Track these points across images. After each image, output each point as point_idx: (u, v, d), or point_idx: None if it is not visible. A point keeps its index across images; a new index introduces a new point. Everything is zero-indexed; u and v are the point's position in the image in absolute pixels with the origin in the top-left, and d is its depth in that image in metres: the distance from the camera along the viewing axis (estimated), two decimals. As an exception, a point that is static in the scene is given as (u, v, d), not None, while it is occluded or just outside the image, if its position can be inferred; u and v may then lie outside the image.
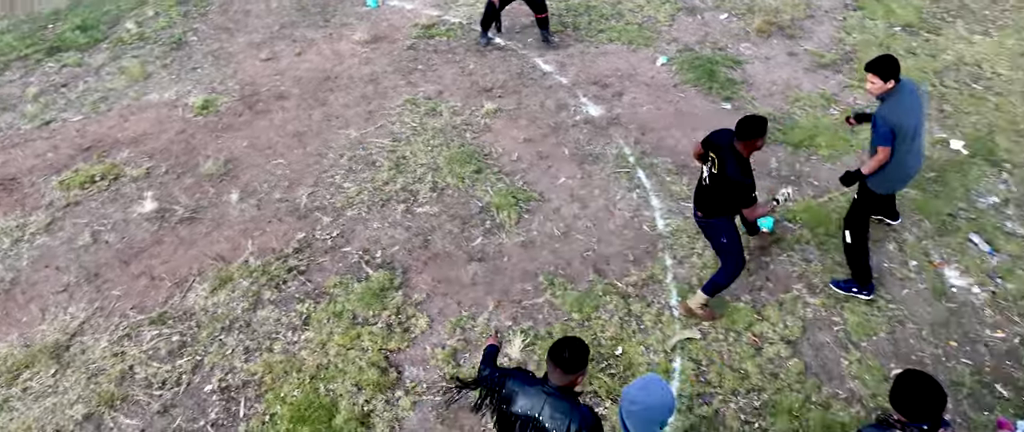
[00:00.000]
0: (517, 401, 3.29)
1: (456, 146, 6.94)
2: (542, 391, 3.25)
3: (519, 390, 3.31)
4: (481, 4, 9.19)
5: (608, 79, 7.92)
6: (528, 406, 3.25)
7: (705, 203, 5.01)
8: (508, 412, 3.32)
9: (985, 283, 5.68)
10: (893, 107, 4.91)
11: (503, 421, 3.39)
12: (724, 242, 5.06)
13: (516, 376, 3.40)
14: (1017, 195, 6.49)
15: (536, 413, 3.21)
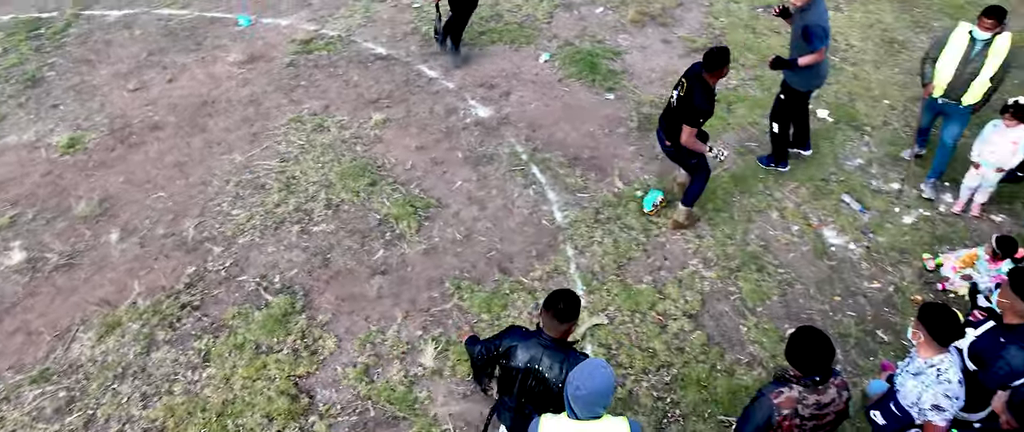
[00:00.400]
0: (517, 355, 3.51)
1: (348, 160, 6.81)
2: (539, 343, 3.48)
3: (518, 344, 3.53)
4: (358, 15, 9.08)
5: (494, 80, 7.98)
6: (527, 358, 3.48)
7: (673, 130, 5.48)
8: (509, 367, 3.55)
9: (859, 239, 6.11)
10: (820, 12, 5.85)
11: (504, 376, 3.62)
12: (694, 162, 5.75)
13: (512, 333, 3.62)
14: (878, 155, 7.02)
15: (536, 365, 3.46)
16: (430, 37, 8.64)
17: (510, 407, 3.69)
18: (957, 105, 5.96)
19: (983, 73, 5.74)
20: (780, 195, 6.52)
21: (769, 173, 6.72)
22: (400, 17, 9.13)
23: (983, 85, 5.80)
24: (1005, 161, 5.75)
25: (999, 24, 5.60)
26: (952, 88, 5.90)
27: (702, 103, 5.18)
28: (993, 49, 5.65)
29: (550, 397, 3.44)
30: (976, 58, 5.72)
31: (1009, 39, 5.67)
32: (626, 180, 6.64)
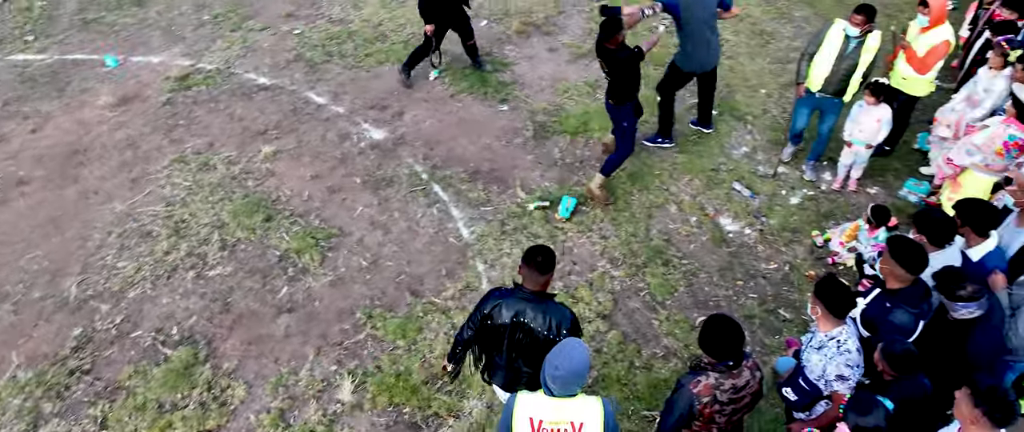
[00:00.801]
0: (502, 312, 3.69)
1: (239, 197, 6.52)
2: (520, 297, 3.67)
3: (501, 302, 3.71)
4: (236, 46, 8.75)
5: (386, 101, 7.87)
6: (512, 313, 3.67)
7: (612, 93, 6.05)
8: (496, 326, 3.72)
9: (752, 224, 6.39)
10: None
11: (491, 336, 3.78)
12: (625, 126, 6.16)
13: (492, 295, 3.80)
14: (761, 142, 7.38)
15: (521, 317, 3.65)
16: (315, 62, 8.44)
17: (502, 365, 3.87)
18: (833, 99, 6.24)
19: (859, 69, 6.01)
20: (676, 189, 6.73)
21: (664, 170, 6.93)
22: (281, 45, 8.85)
23: (857, 81, 6.11)
24: (872, 137, 6.16)
25: (869, 22, 5.84)
26: (828, 83, 6.11)
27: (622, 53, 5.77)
28: (866, 46, 5.90)
29: (537, 346, 3.62)
30: (851, 54, 5.95)
31: (879, 36, 5.94)
32: (528, 189, 6.68)
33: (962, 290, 3.69)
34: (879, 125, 6.07)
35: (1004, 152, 5.14)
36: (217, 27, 9.21)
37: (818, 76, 6.17)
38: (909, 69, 6.17)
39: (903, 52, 6.18)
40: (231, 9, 9.57)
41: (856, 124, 6.19)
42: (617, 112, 6.21)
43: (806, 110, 6.58)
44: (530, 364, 3.69)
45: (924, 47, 6.02)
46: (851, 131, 6.25)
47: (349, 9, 9.67)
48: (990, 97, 5.71)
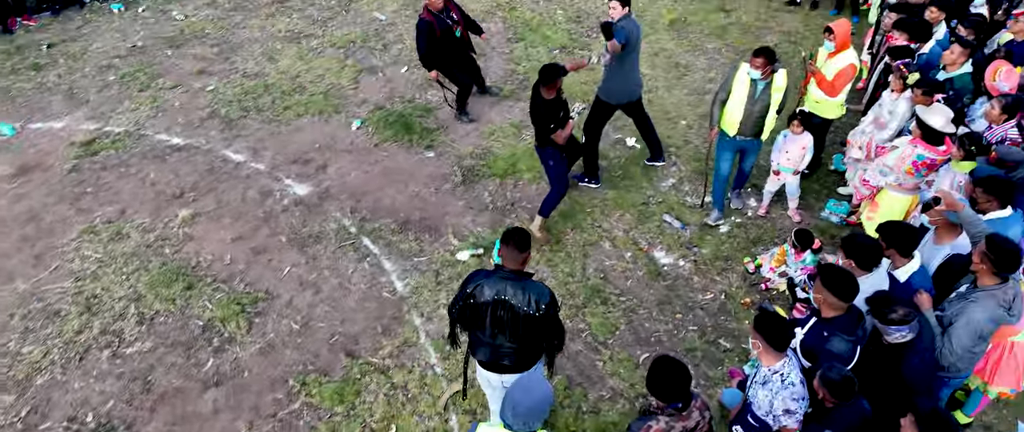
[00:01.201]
0: (484, 291, 3.89)
1: (156, 267, 6.16)
2: (501, 277, 3.89)
3: (483, 282, 3.92)
4: (145, 107, 8.39)
5: (308, 154, 7.65)
6: (494, 292, 3.87)
7: (536, 135, 6.07)
8: (479, 304, 3.91)
9: (686, 255, 6.45)
10: (629, 25, 6.42)
11: (474, 315, 3.96)
12: (551, 165, 6.22)
13: (474, 276, 4.00)
14: (686, 173, 7.51)
15: (503, 295, 3.85)
16: (231, 118, 8.17)
17: (485, 341, 4.03)
18: (753, 140, 6.20)
19: (772, 108, 6.00)
20: (608, 225, 6.75)
21: (595, 206, 6.95)
22: (194, 103, 8.54)
23: (773, 120, 6.11)
24: (798, 163, 6.34)
25: (770, 63, 5.79)
26: (744, 126, 6.05)
27: (542, 117, 5.87)
28: (774, 86, 5.88)
29: (519, 322, 3.88)
30: (761, 97, 5.91)
31: (785, 75, 5.94)
32: (460, 236, 6.57)
33: (894, 313, 3.77)
34: (804, 152, 6.26)
35: (914, 171, 5.36)
36: (124, 88, 8.82)
37: (732, 121, 6.10)
38: (821, 93, 6.42)
39: (813, 77, 6.43)
40: (138, 69, 9.20)
41: (782, 153, 6.37)
42: (541, 153, 6.28)
43: (728, 153, 6.43)
44: (513, 339, 3.95)
45: (832, 71, 6.28)
46: (778, 159, 6.43)
47: (264, 62, 9.45)
48: (895, 119, 5.98)
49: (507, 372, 4.11)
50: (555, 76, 5.75)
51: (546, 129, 5.98)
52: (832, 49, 6.27)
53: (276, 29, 10.39)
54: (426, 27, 7.40)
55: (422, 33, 7.44)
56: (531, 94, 6.00)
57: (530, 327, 3.88)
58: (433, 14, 7.44)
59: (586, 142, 7.02)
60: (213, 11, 11.02)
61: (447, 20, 7.56)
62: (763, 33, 10.48)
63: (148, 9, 11.02)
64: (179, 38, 10.13)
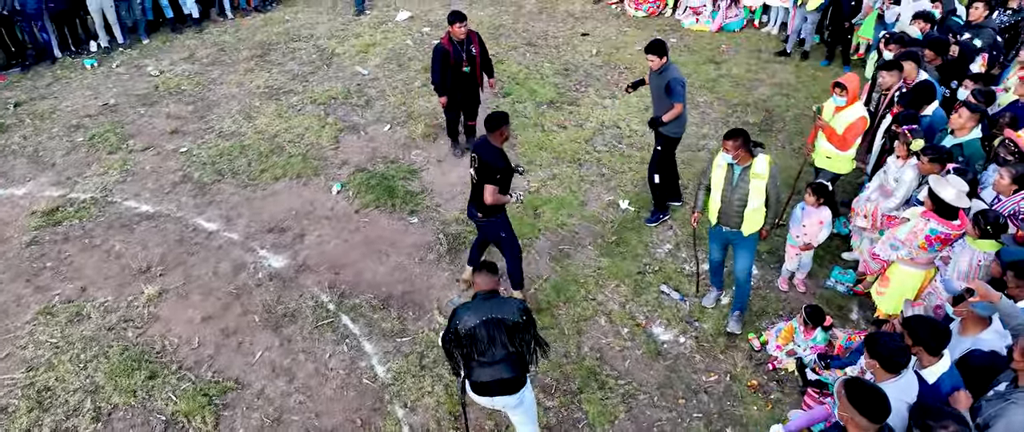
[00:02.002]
0: (467, 319, 4.26)
1: (117, 353, 5.69)
2: (480, 300, 4.34)
3: (464, 312, 4.30)
4: (114, 170, 7.99)
5: (285, 222, 7.25)
6: (478, 314, 4.26)
7: (479, 203, 5.65)
8: (467, 331, 4.24)
9: (686, 330, 6.06)
10: (677, 73, 6.59)
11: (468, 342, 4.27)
12: (503, 236, 5.89)
13: (455, 311, 4.37)
14: (682, 236, 7.17)
15: (487, 315, 4.25)
16: (204, 183, 7.78)
17: (486, 362, 4.28)
18: (737, 232, 5.55)
19: (751, 201, 5.32)
20: (603, 298, 6.37)
21: (589, 277, 6.57)
22: (165, 166, 8.15)
23: (757, 213, 5.39)
24: (814, 238, 6.00)
25: (742, 148, 5.15)
26: (724, 215, 5.50)
27: (496, 161, 5.49)
28: (753, 172, 5.24)
29: (509, 331, 4.27)
30: (740, 184, 5.29)
31: (768, 163, 5.26)
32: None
33: (944, 429, 3.34)
34: (821, 226, 5.93)
35: (928, 246, 5.05)
36: (93, 150, 8.43)
37: (714, 208, 5.56)
38: (830, 148, 6.16)
39: (822, 131, 6.17)
40: (109, 129, 8.83)
41: (799, 227, 6.06)
42: (488, 224, 5.81)
43: (715, 244, 5.90)
44: (507, 346, 4.29)
45: (842, 124, 6.04)
46: (797, 234, 6.11)
47: (241, 121, 9.11)
48: (901, 187, 5.68)
49: (509, 390, 4.37)
50: (503, 123, 5.52)
51: (506, 182, 5.57)
52: (842, 103, 6.03)
53: (255, 85, 10.07)
54: (441, 53, 7.52)
55: (436, 58, 7.59)
56: (475, 154, 5.53)
57: (518, 333, 4.30)
58: (452, 42, 7.51)
59: (661, 182, 7.14)
60: (190, 66, 10.70)
61: (463, 52, 7.54)
62: (755, 85, 10.28)
63: (123, 65, 10.69)
64: (153, 95, 9.78)
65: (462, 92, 7.87)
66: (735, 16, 12.28)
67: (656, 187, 7.15)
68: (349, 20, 12.59)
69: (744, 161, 5.23)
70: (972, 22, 7.79)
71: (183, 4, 11.81)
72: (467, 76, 7.70)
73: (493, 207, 5.63)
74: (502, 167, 5.49)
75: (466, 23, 7.48)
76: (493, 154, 5.48)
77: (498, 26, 12.39)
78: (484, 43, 7.88)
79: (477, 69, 7.76)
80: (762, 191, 5.27)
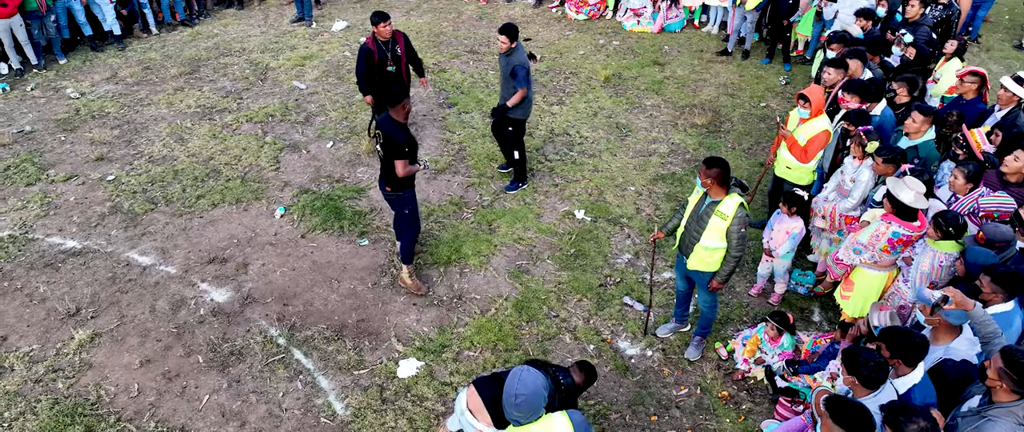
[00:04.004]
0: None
1: (47, 407, 5.21)
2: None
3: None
4: (34, 204, 7.41)
5: (226, 252, 6.83)
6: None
7: (389, 178, 5.85)
8: None
9: (652, 343, 5.94)
10: (522, 57, 6.98)
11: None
12: (407, 213, 6.09)
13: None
14: (640, 244, 7.06)
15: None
16: (135, 213, 7.28)
17: None
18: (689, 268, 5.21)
19: (704, 238, 4.91)
20: (565, 313, 6.19)
21: (550, 292, 6.39)
22: (92, 196, 7.61)
23: (707, 251, 4.96)
24: (778, 248, 5.92)
25: (715, 179, 4.74)
26: (683, 243, 5.16)
27: (399, 135, 5.64)
28: (718, 209, 4.80)
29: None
30: (704, 215, 4.91)
31: (735, 208, 4.76)
32: (404, 340, 5.89)
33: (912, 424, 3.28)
34: (787, 237, 5.86)
35: (890, 248, 5.04)
36: (8, 182, 7.81)
37: (679, 234, 5.24)
38: (792, 158, 6.13)
39: (784, 141, 6.13)
40: (25, 159, 8.21)
41: (773, 232, 6.00)
42: (396, 199, 6.04)
43: (679, 273, 5.55)
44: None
45: (805, 136, 6.01)
46: (766, 238, 6.06)
47: (172, 144, 8.60)
48: (858, 187, 5.68)
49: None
50: (403, 97, 5.68)
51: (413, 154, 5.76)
52: (805, 115, 6.00)
53: (185, 105, 9.55)
54: (365, 53, 7.56)
55: (360, 58, 7.59)
56: (378, 128, 5.77)
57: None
58: (376, 42, 7.55)
59: (520, 157, 7.57)
60: (113, 86, 10.10)
61: (388, 52, 7.58)
62: (700, 86, 10.30)
63: (38, 87, 10.00)
64: (75, 119, 9.16)
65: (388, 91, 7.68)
66: (675, 17, 12.33)
67: (517, 162, 7.61)
68: (283, 32, 12.12)
69: (715, 194, 4.82)
70: (908, 20, 7.93)
71: (103, 20, 11.14)
72: (392, 75, 7.69)
73: (403, 181, 5.86)
74: (404, 141, 5.65)
75: (389, 22, 7.51)
76: (396, 129, 5.65)
77: (438, 33, 12.13)
78: (410, 43, 7.91)
79: (402, 68, 7.74)
80: (720, 232, 4.84)
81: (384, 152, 5.76)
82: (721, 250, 5.01)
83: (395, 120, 5.70)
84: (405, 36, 7.79)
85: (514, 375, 3.38)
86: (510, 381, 3.36)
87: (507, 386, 3.35)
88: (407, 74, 7.89)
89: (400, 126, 5.69)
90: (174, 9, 12.31)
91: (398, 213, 6.18)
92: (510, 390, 3.32)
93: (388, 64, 7.62)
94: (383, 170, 5.93)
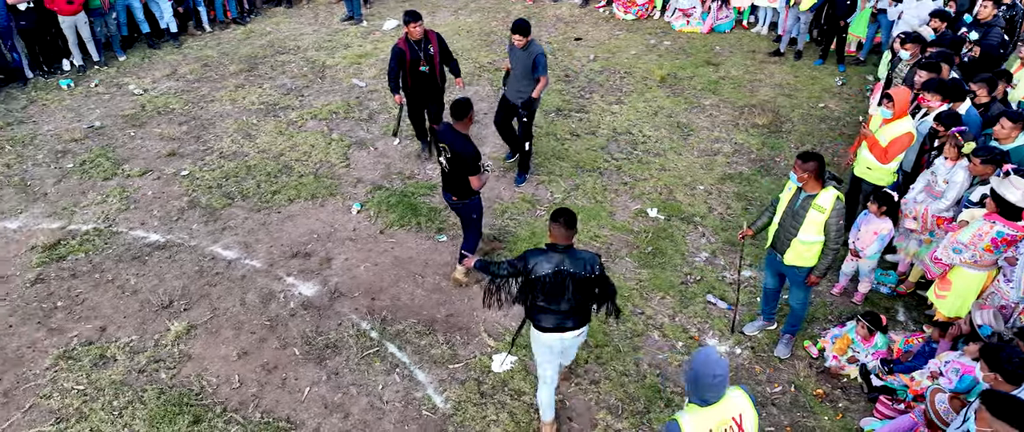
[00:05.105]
0: (542, 266, 4.35)
1: (153, 396, 5.31)
2: (556, 252, 4.38)
3: (540, 258, 4.39)
4: (114, 198, 7.52)
5: (308, 246, 6.92)
6: (553, 264, 4.35)
7: (456, 188, 5.85)
8: (539, 278, 4.35)
9: (740, 341, 5.98)
10: (539, 47, 7.18)
11: (534, 287, 4.40)
12: (474, 218, 6.13)
13: (529, 253, 4.47)
14: (717, 244, 7.10)
15: (561, 266, 4.34)
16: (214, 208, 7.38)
17: (551, 310, 4.48)
18: (791, 267, 5.24)
19: (802, 232, 4.97)
20: (651, 311, 6.24)
21: (632, 290, 6.44)
22: (169, 191, 7.71)
23: (805, 246, 5.03)
24: (866, 248, 5.94)
25: (813, 173, 4.81)
26: (777, 240, 5.24)
27: (467, 148, 5.60)
28: (815, 203, 4.88)
29: (578, 285, 4.39)
30: (800, 210, 4.96)
31: (833, 198, 4.84)
32: (495, 335, 5.95)
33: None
34: (875, 238, 5.88)
35: (994, 248, 5.06)
36: (86, 177, 7.92)
37: (771, 231, 5.31)
38: (873, 158, 6.14)
39: (866, 140, 6.14)
40: (99, 154, 8.33)
41: (857, 232, 6.03)
42: (463, 207, 6.03)
43: (770, 271, 5.62)
44: (572, 301, 4.44)
45: (888, 138, 6.01)
46: (853, 238, 6.07)
47: (240, 140, 8.71)
48: (952, 188, 5.70)
49: (569, 331, 4.56)
50: (468, 109, 5.67)
51: (470, 165, 5.65)
52: (889, 116, 6.01)
53: (248, 101, 9.66)
54: (397, 53, 7.46)
55: (393, 58, 7.50)
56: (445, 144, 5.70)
57: (587, 288, 4.43)
58: (408, 43, 7.43)
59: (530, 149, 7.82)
60: (174, 83, 10.22)
61: (421, 52, 7.45)
62: (755, 86, 10.32)
63: (101, 84, 10.13)
64: (141, 116, 9.28)
65: (422, 92, 7.73)
66: (725, 17, 12.35)
67: (526, 153, 7.78)
68: (335, 30, 12.22)
69: (811, 188, 4.90)
70: (981, 20, 7.93)
71: (160, 18, 11.27)
72: (426, 76, 7.57)
73: (471, 190, 5.84)
74: (474, 154, 5.61)
75: (420, 23, 7.38)
76: (463, 143, 5.59)
77: (489, 33, 12.20)
78: (445, 43, 7.76)
79: (436, 68, 7.63)
80: (818, 226, 4.90)
81: (451, 166, 5.71)
82: (818, 244, 5.07)
83: (459, 132, 5.62)
84: (439, 36, 7.64)
85: (706, 355, 3.35)
86: (704, 361, 3.32)
87: (702, 366, 3.30)
88: (442, 74, 7.74)
89: (466, 139, 5.62)
90: (227, 7, 12.42)
91: (466, 219, 6.20)
92: (707, 370, 3.28)
93: (421, 64, 7.47)
94: (447, 182, 5.91)
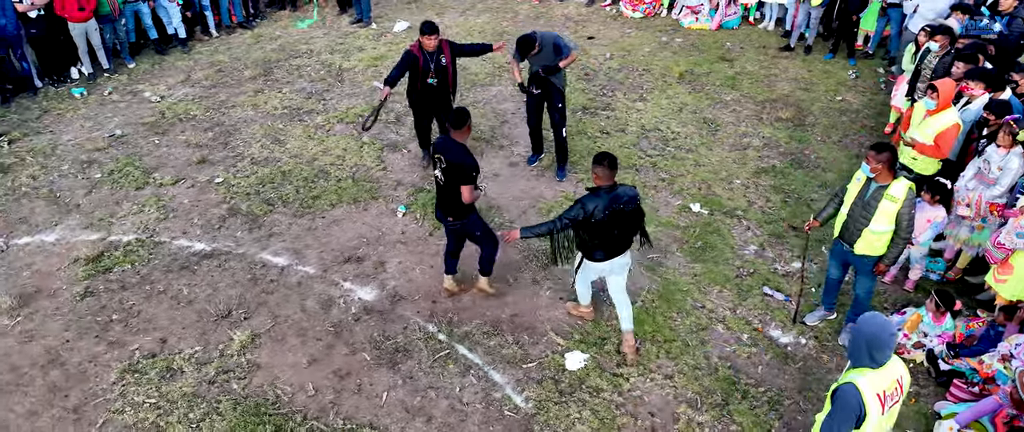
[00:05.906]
0: (598, 208, 4.98)
1: (229, 407, 5.21)
2: (604, 193, 5.02)
3: (594, 202, 4.99)
4: (151, 207, 7.37)
5: (358, 251, 6.85)
6: (605, 204, 4.99)
7: (451, 207, 5.61)
8: (597, 221, 5.00)
9: (803, 331, 6.06)
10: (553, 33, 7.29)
11: (598, 228, 5.05)
12: (479, 234, 5.90)
13: (582, 201, 5.05)
14: (764, 236, 7.19)
15: (615, 204, 5.01)
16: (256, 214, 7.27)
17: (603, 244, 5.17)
18: (854, 254, 5.35)
19: (874, 222, 5.09)
20: (712, 304, 6.30)
21: (689, 284, 6.49)
22: (205, 198, 7.58)
23: (876, 236, 5.15)
24: (919, 236, 6.03)
25: (886, 164, 4.92)
26: (846, 231, 5.32)
27: (465, 158, 5.40)
28: (888, 193, 4.99)
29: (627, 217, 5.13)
30: (871, 201, 5.07)
31: (906, 188, 4.96)
32: (563, 334, 5.95)
33: None
34: (928, 225, 5.99)
35: (1058, 232, 5.21)
36: (117, 187, 7.75)
37: (839, 221, 5.42)
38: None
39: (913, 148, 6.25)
40: (126, 162, 8.15)
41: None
42: (463, 227, 5.79)
43: (835, 261, 5.71)
44: (627, 230, 5.21)
45: (934, 129, 6.13)
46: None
47: (270, 145, 8.59)
48: (1007, 175, 5.86)
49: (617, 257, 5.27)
50: (466, 119, 5.49)
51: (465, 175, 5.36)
52: (932, 107, 6.13)
53: (271, 106, 9.53)
54: (409, 56, 7.27)
55: (404, 58, 7.30)
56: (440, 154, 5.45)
57: (636, 218, 5.19)
58: (422, 51, 7.25)
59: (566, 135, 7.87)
60: (190, 89, 10.04)
61: (432, 63, 7.27)
62: (773, 81, 10.47)
63: (115, 91, 9.91)
64: (162, 123, 9.10)
65: (429, 102, 7.57)
66: (733, 14, 12.50)
67: (562, 141, 7.81)
68: (345, 33, 12.11)
69: (883, 179, 5.01)
70: (1002, 11, 8.15)
71: (168, 24, 11.06)
72: (432, 88, 7.37)
73: (467, 207, 5.59)
74: (473, 164, 5.40)
75: (437, 36, 7.18)
76: (460, 153, 5.39)
77: (500, 33, 12.18)
78: (457, 47, 7.52)
79: (448, 81, 7.42)
80: (891, 216, 5.03)
81: (445, 178, 5.47)
82: (888, 233, 5.19)
83: (457, 142, 5.43)
84: (451, 44, 7.42)
85: (874, 317, 3.48)
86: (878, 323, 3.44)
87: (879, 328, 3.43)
88: (454, 85, 7.55)
89: (465, 149, 5.44)
90: (232, 12, 12.23)
91: (470, 237, 5.94)
92: (885, 330, 3.41)
93: (430, 75, 7.29)
94: (441, 198, 5.66)
